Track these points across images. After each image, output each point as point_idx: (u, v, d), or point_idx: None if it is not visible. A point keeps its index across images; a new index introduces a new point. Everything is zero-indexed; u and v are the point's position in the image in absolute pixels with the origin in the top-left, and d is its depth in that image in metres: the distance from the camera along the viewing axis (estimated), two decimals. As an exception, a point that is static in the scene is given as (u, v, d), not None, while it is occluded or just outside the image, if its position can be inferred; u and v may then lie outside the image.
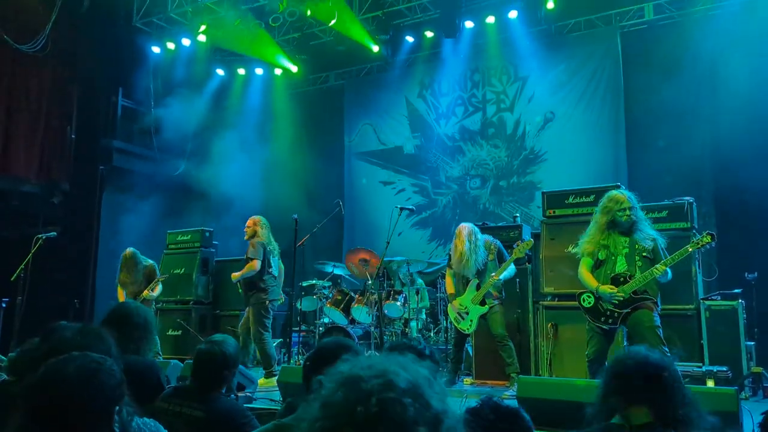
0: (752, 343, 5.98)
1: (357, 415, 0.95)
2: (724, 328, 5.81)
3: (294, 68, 11.87)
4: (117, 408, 1.75)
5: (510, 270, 6.09)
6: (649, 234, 4.64)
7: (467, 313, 6.07)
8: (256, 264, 6.57)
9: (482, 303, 5.98)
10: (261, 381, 6.18)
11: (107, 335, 2.33)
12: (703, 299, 5.94)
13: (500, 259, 6.10)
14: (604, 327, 4.59)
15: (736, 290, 5.97)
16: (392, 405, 0.96)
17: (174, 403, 2.82)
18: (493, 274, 5.91)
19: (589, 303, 4.68)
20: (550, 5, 9.66)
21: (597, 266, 4.69)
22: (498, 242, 6.24)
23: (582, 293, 4.74)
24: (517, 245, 5.92)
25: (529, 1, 9.87)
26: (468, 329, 6.11)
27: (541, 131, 10.44)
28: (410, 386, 0.99)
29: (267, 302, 6.69)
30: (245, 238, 6.94)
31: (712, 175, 8.92)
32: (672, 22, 9.51)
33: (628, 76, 9.80)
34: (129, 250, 7.70)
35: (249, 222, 6.98)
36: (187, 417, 2.76)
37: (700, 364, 5.59)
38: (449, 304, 6.31)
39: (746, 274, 6.46)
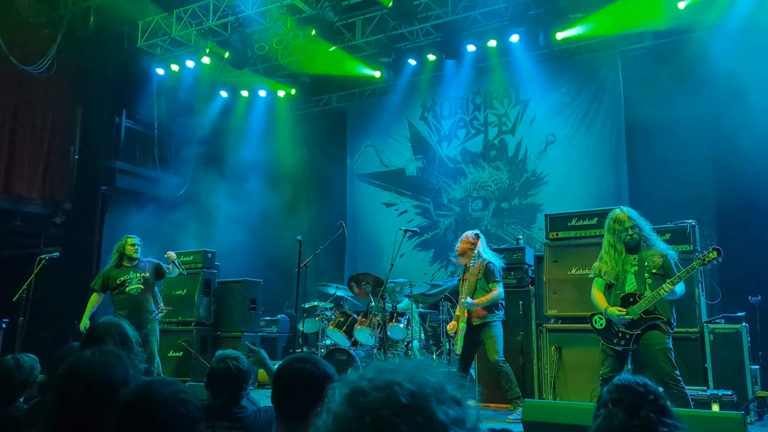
0: (757, 366, 5.96)
1: None
2: (729, 351, 5.79)
3: (293, 91, 12.02)
4: None
5: (493, 296, 5.86)
6: (657, 250, 4.61)
7: (457, 333, 5.97)
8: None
9: (468, 322, 5.87)
10: None
11: (124, 355, 2.32)
12: (707, 322, 5.93)
13: (486, 279, 5.96)
14: (617, 348, 4.57)
15: (740, 313, 5.96)
16: (386, 426, 0.93)
17: (208, 425, 2.81)
18: (471, 301, 5.82)
19: (601, 324, 4.66)
20: (560, 36, 9.70)
21: (609, 287, 4.68)
22: (493, 264, 6.10)
23: (594, 315, 4.73)
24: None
25: (530, 25, 9.96)
26: (458, 349, 5.96)
27: (543, 153, 10.49)
28: (411, 401, 0.95)
29: None
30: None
31: (714, 197, 8.95)
32: (672, 46, 9.60)
33: (629, 98, 9.86)
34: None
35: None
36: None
37: (705, 388, 5.56)
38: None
39: (750, 297, 6.45)
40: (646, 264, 4.56)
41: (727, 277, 6.92)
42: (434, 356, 8.29)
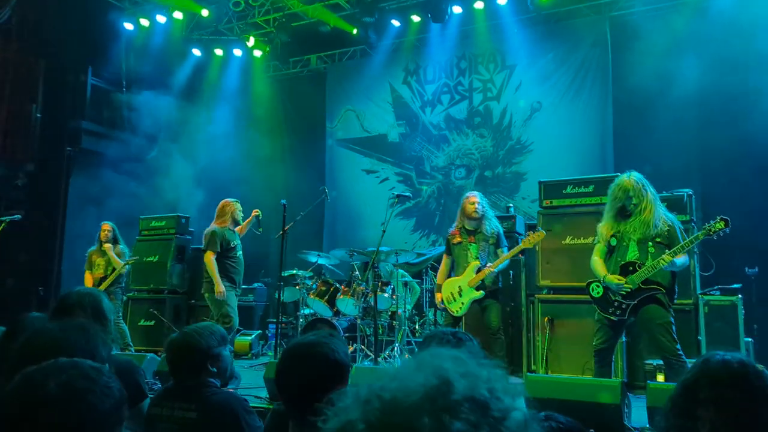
0: (750, 339, 5.87)
1: None
2: (723, 324, 5.68)
3: (270, 51, 11.52)
4: None
5: (504, 263, 5.82)
6: (662, 218, 4.41)
7: (460, 295, 5.76)
8: None
9: (478, 288, 5.70)
10: None
11: (93, 329, 1.99)
12: (701, 294, 5.80)
13: (498, 244, 5.81)
14: (613, 318, 4.37)
15: (735, 285, 5.83)
16: None
17: (167, 406, 2.49)
18: (490, 264, 5.63)
19: (598, 293, 4.46)
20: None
21: (610, 253, 4.47)
22: (500, 228, 5.94)
23: (591, 282, 4.52)
24: (528, 235, 5.65)
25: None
26: (458, 311, 5.77)
27: (528, 121, 10.24)
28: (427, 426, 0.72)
29: None
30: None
31: (700, 167, 8.82)
32: (662, 12, 9.36)
33: (617, 65, 9.64)
34: (108, 224, 7.31)
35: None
36: (180, 420, 2.45)
37: (700, 361, 5.43)
38: (442, 288, 5.95)
39: (746, 269, 6.34)
40: (649, 232, 4.35)
41: (720, 247, 6.78)
42: (417, 326, 8.09)
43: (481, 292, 5.67)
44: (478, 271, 5.65)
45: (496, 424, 0.74)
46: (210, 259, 6.28)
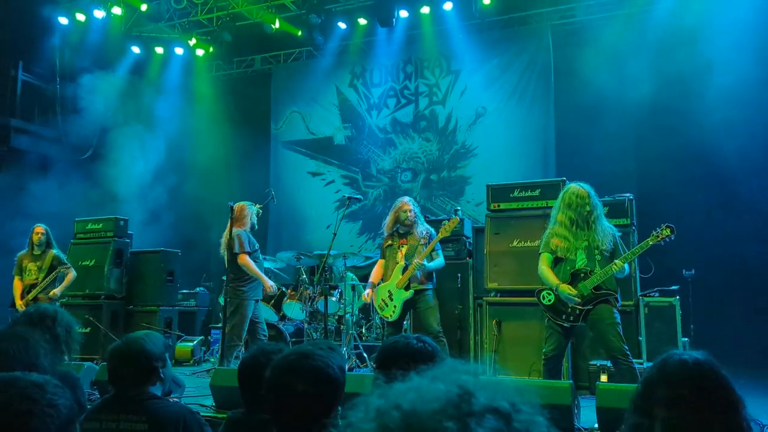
0: (686, 339, 6.08)
1: None
2: (662, 324, 5.88)
3: (213, 50, 11.28)
4: None
5: (439, 262, 5.81)
6: (607, 228, 4.54)
7: (391, 299, 5.72)
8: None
9: (407, 288, 5.66)
10: None
11: (33, 339, 1.85)
12: (642, 295, 5.98)
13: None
14: (565, 325, 4.44)
15: (673, 287, 6.04)
16: None
17: (107, 419, 2.34)
18: (416, 259, 5.62)
19: (550, 300, 4.51)
20: (486, 0, 9.57)
21: (557, 261, 4.54)
22: (432, 230, 5.94)
23: (542, 290, 4.57)
24: (444, 224, 5.68)
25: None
26: (391, 317, 5.72)
27: (473, 126, 10.37)
28: None
29: None
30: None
31: (638, 171, 9.11)
32: (603, 21, 9.64)
33: (559, 73, 9.87)
34: (41, 226, 6.92)
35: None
36: (128, 433, 2.31)
37: (641, 361, 5.60)
38: (373, 296, 5.93)
39: (684, 272, 6.58)
40: (596, 241, 4.46)
41: (659, 250, 7.02)
42: (363, 330, 8.05)
43: (411, 291, 5.62)
44: (404, 271, 5.64)
45: None
46: (247, 260, 6.07)
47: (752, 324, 7.22)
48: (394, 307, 5.69)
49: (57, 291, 6.80)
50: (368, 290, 5.89)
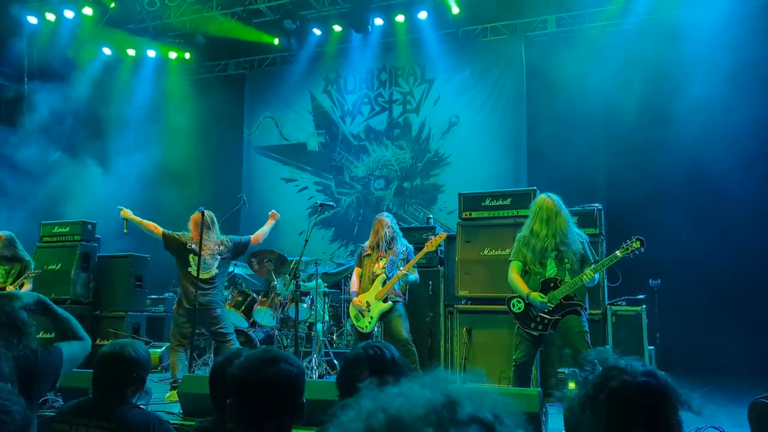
0: (652, 347, 6.19)
1: None
2: (628, 332, 5.96)
3: (187, 54, 11.17)
4: None
5: (416, 277, 5.87)
6: (576, 236, 4.61)
7: (369, 310, 5.74)
8: None
9: (385, 300, 5.69)
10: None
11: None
12: (609, 304, 6.07)
13: (407, 261, 5.84)
14: (534, 333, 4.49)
15: (640, 296, 6.14)
16: None
17: (77, 423, 2.31)
18: (401, 268, 5.65)
19: (519, 308, 4.55)
20: (455, 10, 9.68)
21: (526, 270, 4.58)
22: (410, 246, 6.00)
23: (512, 298, 4.61)
24: (430, 240, 5.74)
25: (438, 2, 9.83)
26: (366, 328, 5.74)
27: (446, 134, 10.45)
28: None
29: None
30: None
31: (606, 182, 9.27)
32: (574, 34, 9.81)
33: (531, 84, 10.01)
34: (4, 233, 6.76)
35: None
36: (95, 438, 2.27)
37: (608, 369, 5.67)
38: (351, 303, 5.95)
39: (650, 281, 6.69)
40: (566, 250, 4.52)
41: (626, 260, 7.15)
42: (335, 337, 8.02)
43: (389, 303, 5.65)
44: (384, 283, 5.66)
45: None
46: (258, 234, 6.41)
47: (717, 333, 7.38)
48: (371, 318, 5.71)
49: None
50: (356, 297, 5.87)
